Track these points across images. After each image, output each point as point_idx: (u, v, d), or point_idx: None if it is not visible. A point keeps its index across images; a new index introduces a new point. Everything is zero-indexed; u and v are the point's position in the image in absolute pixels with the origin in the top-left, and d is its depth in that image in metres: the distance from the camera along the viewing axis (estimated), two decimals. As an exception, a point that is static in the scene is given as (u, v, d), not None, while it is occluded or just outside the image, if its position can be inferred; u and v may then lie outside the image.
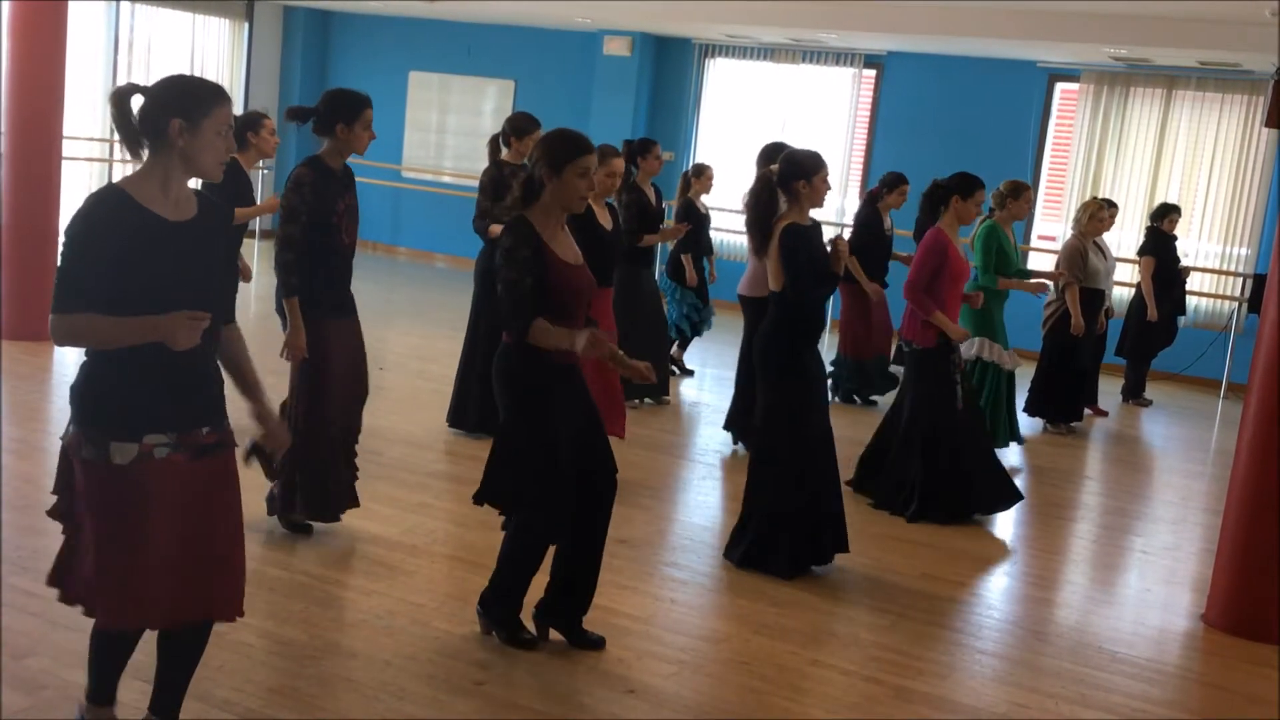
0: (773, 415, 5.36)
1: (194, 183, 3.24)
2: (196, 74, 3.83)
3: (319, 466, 5.17)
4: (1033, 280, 8.01)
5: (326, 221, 4.98)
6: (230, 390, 3.27)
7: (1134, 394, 10.58)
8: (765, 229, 5.32)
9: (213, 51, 14.85)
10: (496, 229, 6.09)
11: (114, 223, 2.96)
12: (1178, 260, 10.31)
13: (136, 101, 3.08)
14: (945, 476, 6.40)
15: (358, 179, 5.28)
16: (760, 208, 5.36)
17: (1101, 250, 8.96)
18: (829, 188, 5.34)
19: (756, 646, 4.68)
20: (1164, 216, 10.13)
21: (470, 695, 4.00)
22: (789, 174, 5.26)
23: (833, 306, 11.62)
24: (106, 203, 3.00)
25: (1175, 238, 10.27)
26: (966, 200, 6.46)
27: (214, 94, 3.09)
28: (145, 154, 3.07)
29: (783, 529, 5.36)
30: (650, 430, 8.04)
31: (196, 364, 3.12)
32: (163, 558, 3.06)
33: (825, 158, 5.40)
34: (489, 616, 4.43)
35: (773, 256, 5.27)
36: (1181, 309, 10.49)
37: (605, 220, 6.62)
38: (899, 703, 4.28)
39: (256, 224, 14.67)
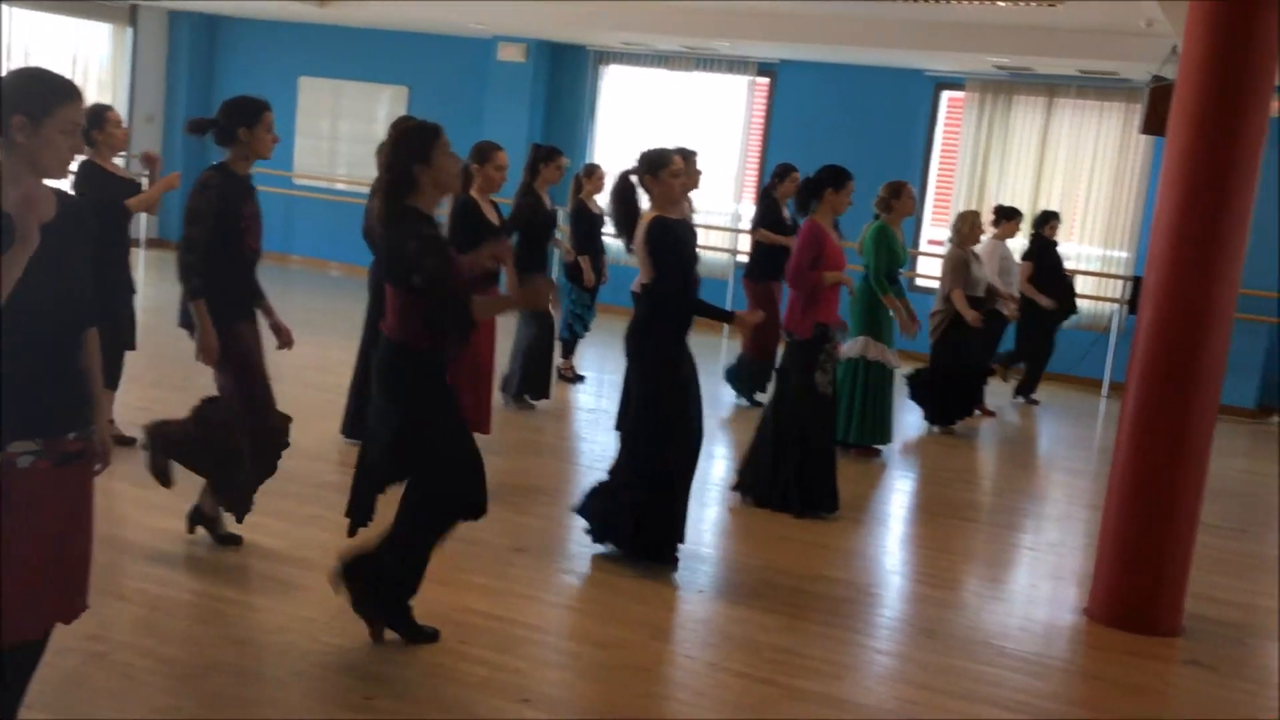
0: (644, 407, 5.40)
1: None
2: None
3: (260, 465, 5.15)
4: (905, 315, 7.85)
5: (235, 226, 4.95)
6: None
7: (1024, 392, 10.86)
8: (630, 225, 5.40)
9: (95, 57, 14.46)
10: None
11: None
12: (1060, 264, 10.63)
13: None
14: (818, 465, 6.53)
15: (247, 185, 5.27)
16: (622, 205, 5.44)
17: (979, 259, 9.23)
18: (681, 180, 5.44)
19: (654, 651, 4.69)
20: (1045, 223, 10.49)
21: (362, 710, 3.93)
22: (641, 172, 5.40)
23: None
24: None
25: (1056, 243, 10.59)
26: (839, 191, 6.66)
27: (60, 91, 2.94)
28: None
29: (649, 518, 5.42)
30: (547, 437, 8.02)
31: (66, 362, 3.02)
32: (7, 570, 2.94)
33: (693, 154, 5.61)
34: (386, 618, 4.39)
35: (639, 250, 5.36)
36: (1068, 307, 10.78)
37: (492, 216, 6.68)
38: (793, 703, 4.32)
39: (142, 232, 14.31)
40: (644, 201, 5.48)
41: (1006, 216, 9.87)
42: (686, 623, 5.03)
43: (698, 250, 5.61)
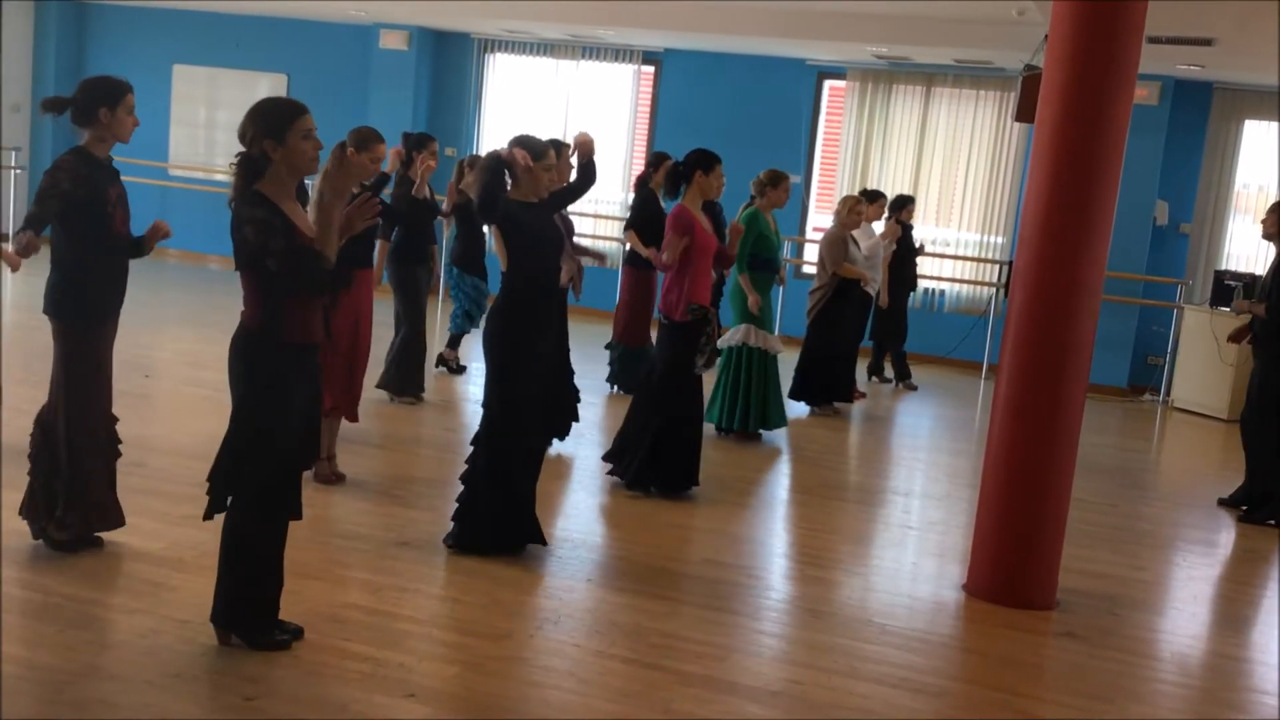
0: (493, 396, 5.44)
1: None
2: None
3: (89, 482, 4.96)
4: (753, 298, 7.98)
5: (101, 210, 4.80)
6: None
7: (899, 377, 11.10)
8: (493, 209, 5.34)
9: (-45, 43, 13.89)
10: None
11: None
12: (913, 247, 10.94)
13: None
14: (677, 444, 6.58)
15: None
16: (487, 187, 5.37)
17: (858, 243, 9.42)
18: (548, 172, 5.44)
19: (539, 642, 4.67)
20: (902, 208, 10.78)
21: (240, 712, 3.85)
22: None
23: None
24: None
25: (911, 226, 10.93)
26: (709, 174, 6.69)
27: None
28: None
29: (497, 510, 5.45)
30: (435, 430, 7.95)
31: None
32: None
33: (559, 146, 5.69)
34: (239, 630, 4.29)
35: (496, 236, 5.36)
36: (913, 286, 11.22)
37: None
38: (679, 687, 4.34)
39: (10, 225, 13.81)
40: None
41: (870, 199, 10.12)
42: (571, 611, 5.02)
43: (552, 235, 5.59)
